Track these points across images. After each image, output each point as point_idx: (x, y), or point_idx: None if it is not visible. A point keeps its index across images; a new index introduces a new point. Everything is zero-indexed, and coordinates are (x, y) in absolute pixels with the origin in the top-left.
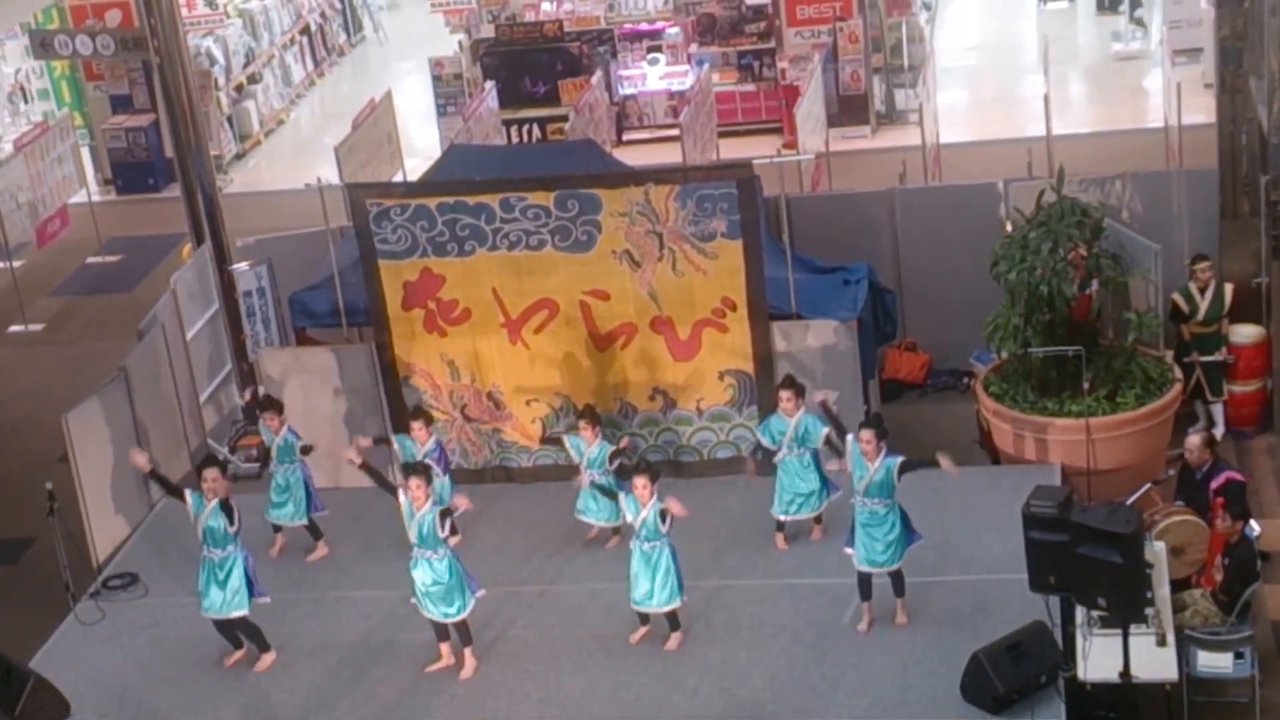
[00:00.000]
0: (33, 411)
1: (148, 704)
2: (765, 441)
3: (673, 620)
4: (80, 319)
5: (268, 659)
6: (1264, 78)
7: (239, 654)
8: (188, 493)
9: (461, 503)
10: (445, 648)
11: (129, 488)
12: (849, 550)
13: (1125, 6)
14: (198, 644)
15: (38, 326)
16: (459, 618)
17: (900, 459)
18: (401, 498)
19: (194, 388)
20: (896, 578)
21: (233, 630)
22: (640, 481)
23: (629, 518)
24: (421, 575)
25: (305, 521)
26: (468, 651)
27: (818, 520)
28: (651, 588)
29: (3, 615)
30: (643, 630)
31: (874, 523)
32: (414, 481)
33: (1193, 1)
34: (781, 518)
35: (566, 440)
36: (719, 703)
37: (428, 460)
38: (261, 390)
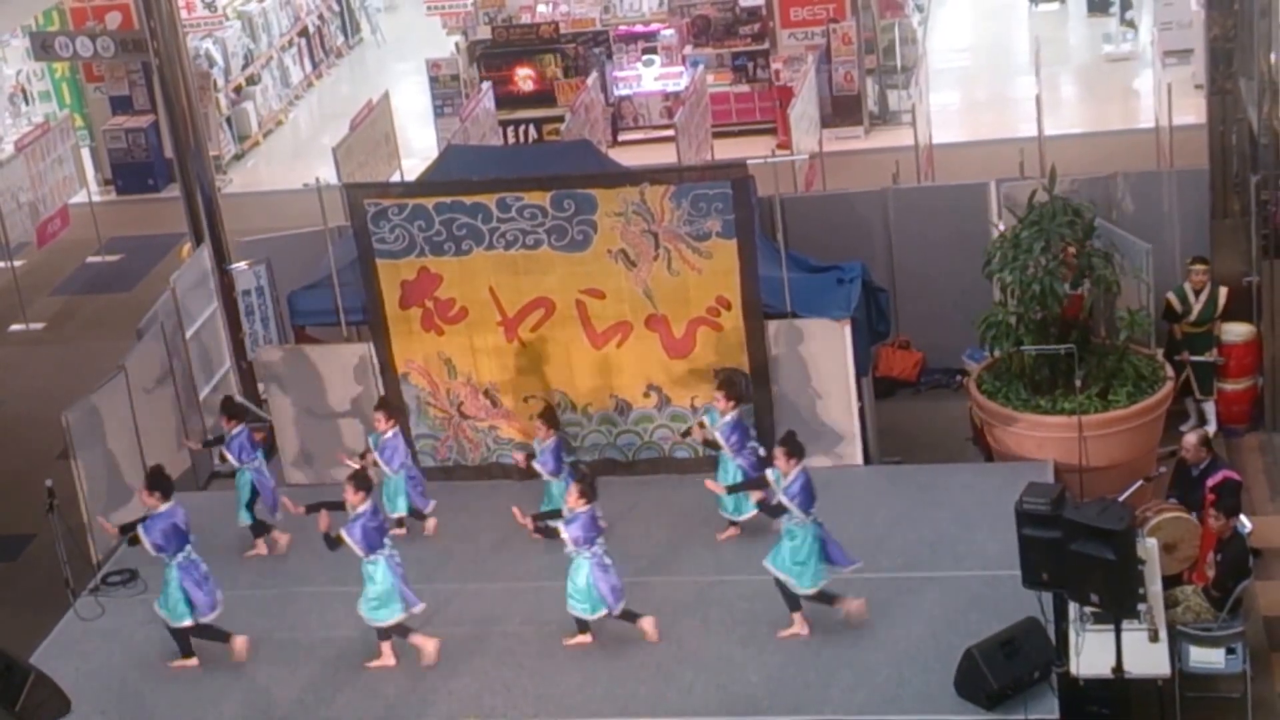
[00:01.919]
0: (33, 409)
1: (147, 700)
2: (707, 421)
3: (627, 614)
4: (80, 318)
5: (240, 642)
6: (1254, 79)
7: (185, 661)
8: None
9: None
10: (424, 641)
11: (128, 485)
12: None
13: (1116, 8)
14: (196, 640)
15: (38, 325)
16: (379, 623)
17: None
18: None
19: (193, 386)
20: (790, 595)
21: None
22: (572, 489)
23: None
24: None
25: (249, 522)
26: (384, 645)
27: (733, 523)
28: (573, 592)
29: (3, 611)
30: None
31: (788, 538)
32: (345, 489)
33: (1183, 3)
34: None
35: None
36: (714, 699)
37: (374, 454)
38: (236, 396)
